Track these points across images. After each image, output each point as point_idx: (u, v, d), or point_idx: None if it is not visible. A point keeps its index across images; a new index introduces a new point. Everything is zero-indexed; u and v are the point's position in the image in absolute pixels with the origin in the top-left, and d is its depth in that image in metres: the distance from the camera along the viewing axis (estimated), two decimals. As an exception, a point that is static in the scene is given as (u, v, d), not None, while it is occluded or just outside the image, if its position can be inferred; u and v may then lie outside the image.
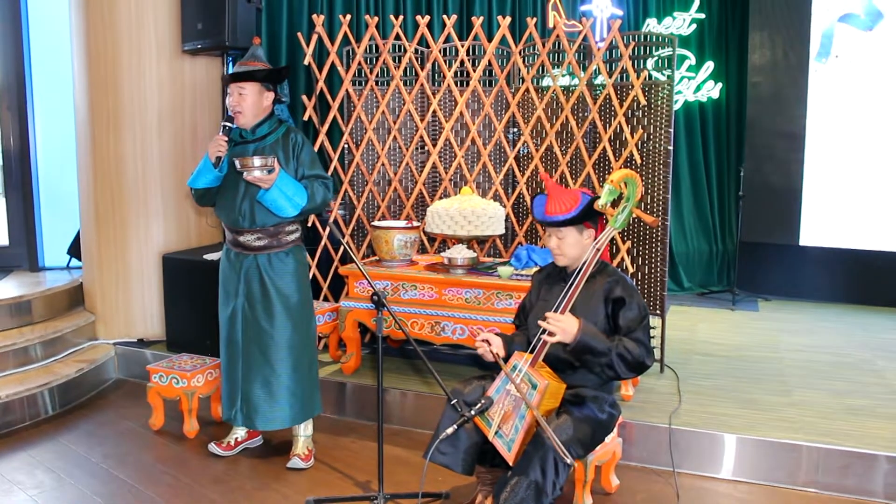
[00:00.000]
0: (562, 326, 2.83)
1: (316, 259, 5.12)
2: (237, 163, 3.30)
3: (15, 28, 5.71)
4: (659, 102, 4.54)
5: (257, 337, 3.61)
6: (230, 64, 5.24)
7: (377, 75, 5.15)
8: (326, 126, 5.09)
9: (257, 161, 3.27)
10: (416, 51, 5.11)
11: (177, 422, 4.21)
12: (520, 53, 4.89)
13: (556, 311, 2.91)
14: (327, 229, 5.11)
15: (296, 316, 3.64)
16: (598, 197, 2.99)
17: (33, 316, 4.99)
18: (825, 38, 6.69)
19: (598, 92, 4.78)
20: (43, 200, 5.95)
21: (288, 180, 3.42)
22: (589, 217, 3.02)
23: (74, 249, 5.78)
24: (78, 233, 5.59)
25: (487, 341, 3.09)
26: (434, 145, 5.08)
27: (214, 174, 3.52)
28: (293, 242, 3.66)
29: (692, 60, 6.98)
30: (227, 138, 3.47)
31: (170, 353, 4.84)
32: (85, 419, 4.40)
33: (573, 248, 3.05)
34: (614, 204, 3.01)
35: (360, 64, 5.10)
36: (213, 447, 3.88)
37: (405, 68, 5.11)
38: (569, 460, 2.66)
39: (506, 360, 3.03)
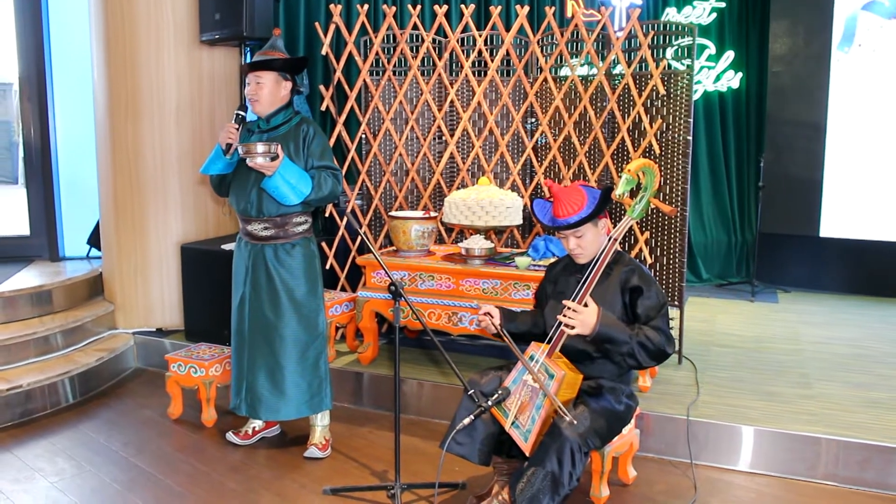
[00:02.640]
0: (581, 318, 2.82)
1: (333, 249, 5.13)
2: (240, 149, 3.31)
3: (35, 19, 5.74)
4: (678, 92, 4.51)
5: (263, 328, 3.62)
6: (248, 54, 5.25)
7: (395, 65, 5.14)
8: (344, 116, 5.09)
9: (260, 147, 3.27)
10: (434, 40, 5.10)
11: (195, 411, 4.24)
12: (538, 43, 4.86)
13: (573, 300, 2.89)
14: (345, 219, 5.12)
15: (301, 310, 3.64)
16: (611, 187, 2.97)
17: (54, 305, 5.03)
18: (848, 27, 6.61)
19: (617, 82, 4.75)
20: (63, 191, 5.99)
21: (291, 168, 3.41)
22: (602, 209, 3.00)
23: (94, 239, 5.82)
24: (97, 223, 5.63)
25: (489, 313, 3.12)
26: (451, 135, 5.07)
27: (225, 161, 3.53)
28: (301, 234, 3.65)
29: (712, 50, 6.92)
30: (238, 126, 3.48)
31: (188, 342, 4.88)
32: (104, 408, 4.44)
33: (593, 243, 3.03)
34: (632, 194, 2.99)
35: (377, 54, 5.09)
36: (230, 436, 3.91)
37: (423, 58, 5.10)
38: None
39: (507, 334, 3.07)
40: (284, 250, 3.61)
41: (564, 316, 2.85)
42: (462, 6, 4.92)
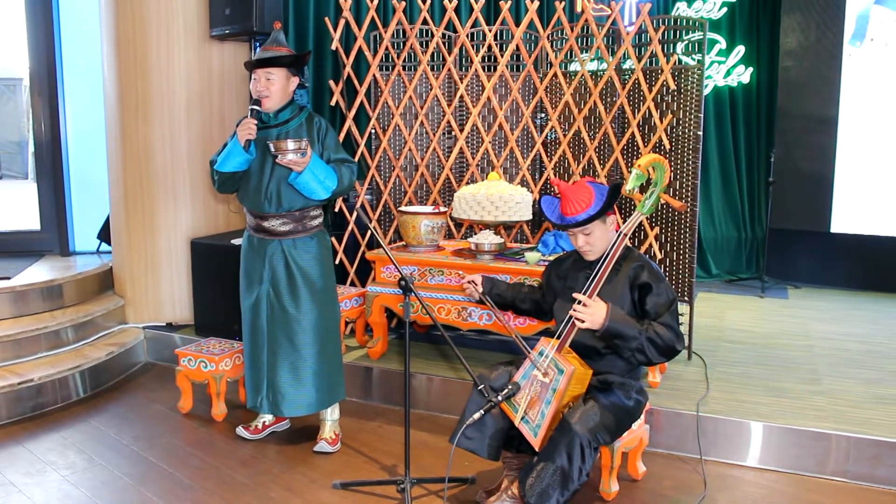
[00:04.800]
0: (590, 312, 2.82)
1: (343, 244, 5.13)
2: (271, 146, 3.33)
3: (45, 15, 5.76)
4: (688, 87, 4.49)
5: (283, 322, 3.62)
6: (258, 49, 5.24)
7: (404, 60, 5.13)
8: (353, 111, 5.09)
9: (291, 144, 3.29)
10: (444, 35, 5.09)
11: (205, 405, 4.26)
12: (548, 38, 4.85)
13: (584, 293, 2.89)
14: (354, 214, 5.12)
15: (321, 300, 3.65)
16: (620, 184, 2.96)
17: (64, 300, 5.05)
18: (860, 21, 6.57)
19: (627, 77, 4.73)
20: (73, 186, 6.01)
21: (319, 164, 3.44)
22: (610, 205, 2.99)
23: (104, 234, 5.85)
24: (108, 218, 5.65)
25: (473, 281, 3.26)
26: (461, 131, 5.06)
27: (245, 157, 3.51)
28: (317, 227, 3.67)
29: (722, 45, 6.89)
30: (256, 121, 3.48)
31: (198, 336, 4.89)
32: (115, 402, 4.46)
33: (601, 240, 3.02)
34: (642, 189, 2.98)
35: (387, 49, 5.09)
36: (240, 430, 3.92)
37: (432, 53, 5.09)
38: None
39: (487, 294, 3.26)
40: (303, 243, 3.62)
41: (575, 310, 2.85)
42: (472, 1, 4.90)
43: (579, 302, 2.85)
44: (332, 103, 5.12)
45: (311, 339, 3.63)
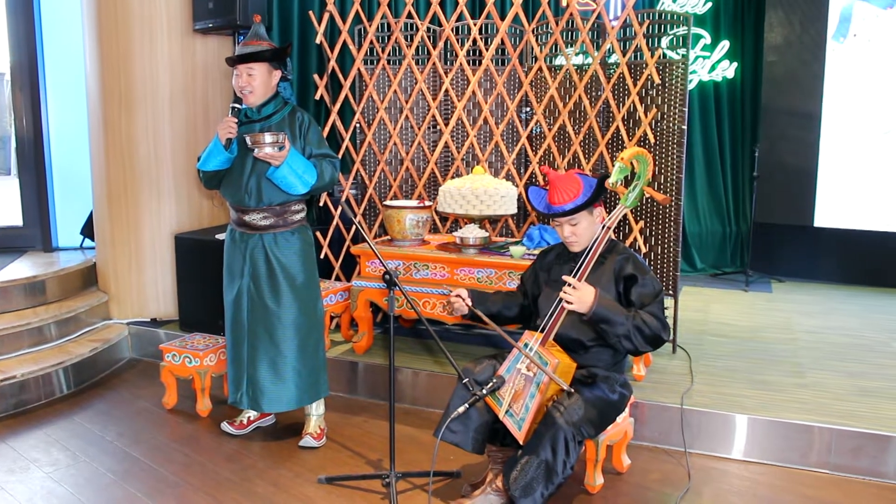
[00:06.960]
0: (578, 295, 2.82)
1: (328, 238, 5.12)
2: (248, 140, 3.31)
3: (26, 7, 5.71)
4: (673, 81, 4.50)
5: (263, 318, 3.60)
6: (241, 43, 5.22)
7: (389, 54, 5.12)
8: (338, 105, 5.08)
9: (268, 138, 3.28)
10: (429, 29, 5.08)
11: (190, 401, 4.24)
12: (533, 32, 4.84)
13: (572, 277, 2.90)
14: (339, 209, 5.11)
15: (302, 296, 3.63)
16: (607, 175, 2.97)
17: (47, 296, 5.01)
18: (843, 17, 6.60)
19: (612, 71, 4.74)
20: (56, 181, 5.97)
21: (298, 158, 3.41)
22: (598, 197, 3.00)
23: (88, 230, 5.81)
24: (91, 213, 5.61)
25: (459, 295, 3.17)
26: (446, 124, 5.05)
27: (225, 156, 3.50)
28: (299, 222, 3.65)
29: (707, 39, 6.91)
30: (236, 120, 3.46)
31: (182, 332, 4.87)
32: (99, 398, 4.44)
33: (587, 231, 3.03)
34: (626, 182, 2.99)
35: (371, 43, 5.08)
36: (225, 426, 3.91)
37: (417, 47, 5.08)
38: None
39: (474, 307, 3.16)
40: (284, 238, 3.60)
41: (564, 292, 2.85)
42: (456, -5, 4.90)
43: (568, 284, 2.85)
44: (317, 97, 5.10)
45: (291, 336, 3.61)
